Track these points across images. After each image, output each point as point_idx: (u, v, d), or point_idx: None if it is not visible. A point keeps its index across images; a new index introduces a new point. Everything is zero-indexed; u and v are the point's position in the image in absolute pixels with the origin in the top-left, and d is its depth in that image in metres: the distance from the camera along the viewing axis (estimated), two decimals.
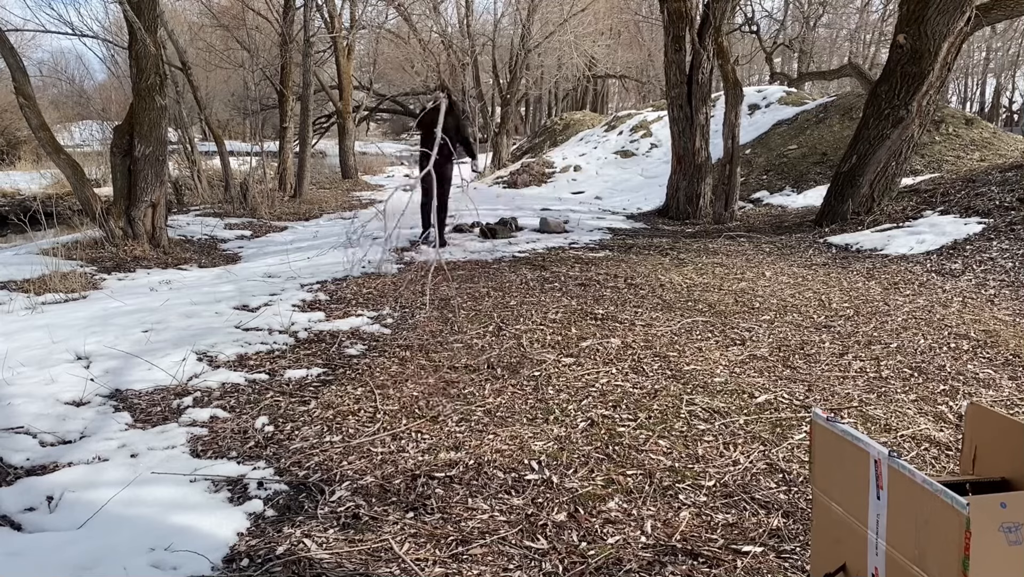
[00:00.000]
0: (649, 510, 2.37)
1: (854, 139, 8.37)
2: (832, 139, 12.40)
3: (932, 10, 7.35)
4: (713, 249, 7.47)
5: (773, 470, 2.64)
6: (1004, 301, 5.02)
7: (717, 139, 10.83)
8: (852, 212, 8.15)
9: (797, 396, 3.33)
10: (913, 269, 6.09)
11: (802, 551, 2.13)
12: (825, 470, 1.65)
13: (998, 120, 30.39)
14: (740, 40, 24.60)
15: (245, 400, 3.40)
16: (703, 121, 10.26)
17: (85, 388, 3.42)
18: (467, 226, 9.29)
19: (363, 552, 2.16)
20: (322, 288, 5.75)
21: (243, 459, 2.78)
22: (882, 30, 28.19)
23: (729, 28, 12.02)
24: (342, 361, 3.96)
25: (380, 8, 22.44)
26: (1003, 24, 24.27)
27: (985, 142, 11.21)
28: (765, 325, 4.49)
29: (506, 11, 25.49)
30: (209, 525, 2.28)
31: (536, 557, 2.13)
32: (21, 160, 20.39)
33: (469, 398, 3.36)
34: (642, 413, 3.14)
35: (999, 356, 3.86)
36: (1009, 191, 7.31)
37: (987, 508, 1.26)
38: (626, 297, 5.27)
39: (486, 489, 2.52)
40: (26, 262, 6.83)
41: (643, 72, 31.86)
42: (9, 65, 7.49)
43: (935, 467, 2.66)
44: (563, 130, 21.28)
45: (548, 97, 33.79)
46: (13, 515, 2.34)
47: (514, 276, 6.13)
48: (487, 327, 4.52)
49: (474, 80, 23.16)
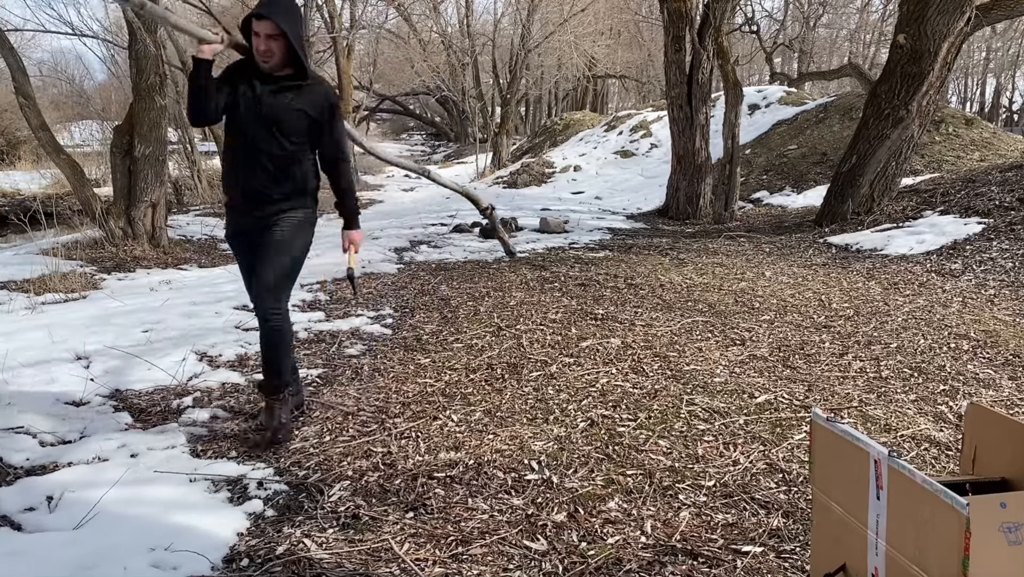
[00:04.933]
0: (649, 510, 2.37)
1: (854, 139, 8.37)
2: (832, 139, 12.40)
3: (932, 10, 7.35)
4: (713, 249, 7.47)
5: (773, 470, 2.64)
6: (1004, 301, 5.02)
7: (717, 139, 10.83)
8: (852, 212, 8.15)
9: (797, 396, 3.33)
10: (913, 269, 6.09)
11: (802, 551, 2.13)
12: (825, 470, 1.65)
13: (998, 120, 30.38)
14: (740, 40, 24.60)
15: (245, 400, 3.40)
16: (703, 121, 10.26)
17: (85, 388, 3.42)
18: (467, 226, 9.29)
19: (363, 552, 2.16)
20: (322, 288, 5.75)
21: (243, 459, 2.78)
22: (882, 30, 28.19)
23: (729, 28, 12.03)
24: (342, 361, 3.96)
25: (380, 8, 22.46)
26: (1003, 24, 24.27)
27: (985, 142, 11.21)
28: (765, 325, 4.49)
29: (506, 11, 25.52)
30: (209, 525, 2.28)
31: (536, 557, 2.13)
32: (21, 160, 20.38)
33: (469, 398, 3.36)
34: (642, 413, 3.14)
35: (999, 356, 3.86)
36: (1009, 191, 7.31)
37: (987, 508, 1.26)
38: (626, 297, 5.27)
39: (486, 489, 2.52)
40: (26, 262, 6.83)
41: (643, 72, 31.85)
42: (9, 65, 7.50)
43: (935, 467, 2.66)
44: (563, 130, 21.28)
45: (548, 97, 33.79)
46: (13, 515, 2.34)
47: (514, 276, 6.13)
48: (487, 327, 4.52)
49: (474, 80, 23.17)
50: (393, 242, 8.20)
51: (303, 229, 2.94)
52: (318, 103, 2.83)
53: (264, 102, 2.77)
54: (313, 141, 2.90)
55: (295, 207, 2.90)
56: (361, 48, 25.69)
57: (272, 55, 2.72)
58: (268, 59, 2.72)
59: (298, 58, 2.76)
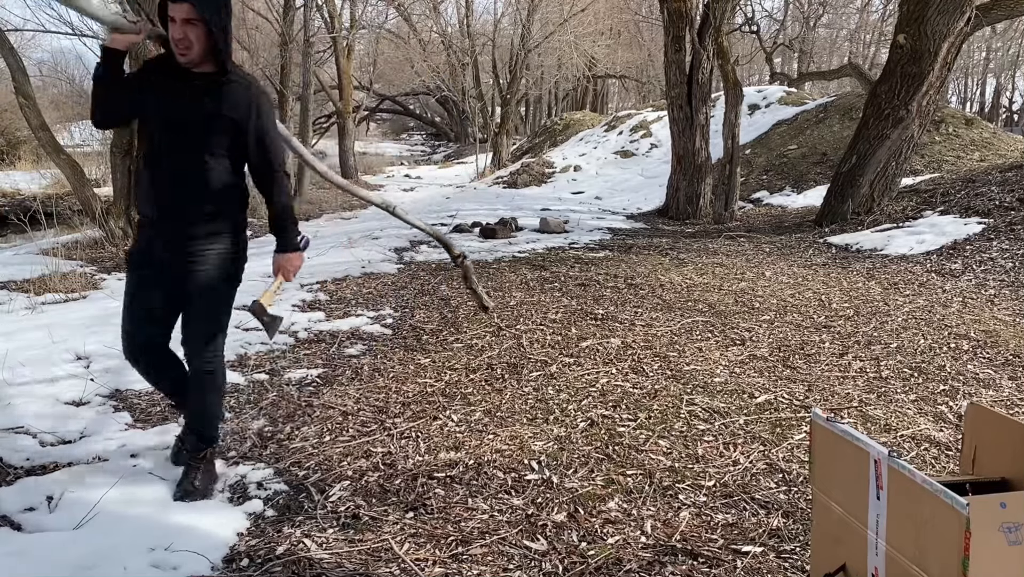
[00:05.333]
0: (649, 510, 2.37)
1: (854, 139, 8.37)
2: (832, 139, 12.40)
3: (932, 10, 7.35)
4: (713, 249, 7.47)
5: (773, 470, 2.64)
6: (1004, 301, 5.02)
7: (717, 139, 10.82)
8: (852, 212, 8.15)
9: (797, 396, 3.33)
10: (913, 269, 6.09)
11: (802, 551, 2.13)
12: (825, 470, 1.65)
13: (998, 120, 30.39)
14: (740, 40, 24.61)
15: (245, 400, 3.39)
16: (703, 121, 10.26)
17: (85, 388, 3.42)
18: (467, 226, 9.29)
19: (363, 552, 2.16)
20: (322, 288, 5.74)
21: (243, 459, 2.78)
22: (882, 30, 28.20)
23: (729, 28, 12.03)
24: (342, 361, 3.96)
25: (380, 8, 22.47)
26: (1003, 24, 24.28)
27: (985, 142, 11.21)
28: (765, 325, 4.49)
29: (506, 11, 25.53)
30: (209, 525, 2.28)
31: (536, 557, 2.13)
32: (21, 160, 20.37)
33: (469, 398, 3.36)
34: (642, 413, 3.14)
35: (999, 356, 3.86)
36: (1009, 191, 7.31)
37: (987, 508, 1.26)
38: (626, 297, 5.27)
39: (486, 489, 2.52)
40: (26, 262, 6.83)
41: (643, 72, 31.86)
42: (9, 65, 7.50)
43: (935, 467, 2.66)
44: (563, 130, 21.28)
45: (548, 97, 33.80)
46: (13, 515, 2.34)
47: (514, 276, 6.13)
48: (487, 327, 4.52)
49: (474, 80, 23.16)
50: (393, 242, 8.19)
51: (230, 263, 2.47)
52: (241, 104, 2.31)
53: (176, 105, 2.28)
54: (240, 151, 2.38)
55: (218, 233, 2.40)
56: (361, 48, 25.73)
57: (190, 46, 2.22)
58: (186, 51, 2.22)
59: (219, 51, 2.26)
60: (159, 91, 2.30)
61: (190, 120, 2.29)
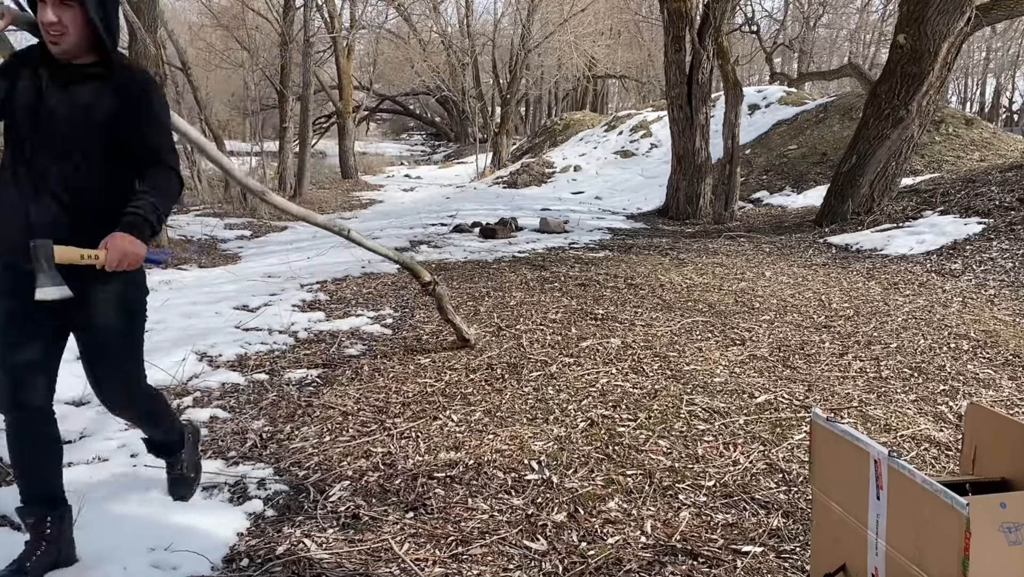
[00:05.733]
0: (649, 510, 2.37)
1: (854, 139, 8.37)
2: (832, 139, 12.40)
3: (932, 10, 7.35)
4: (713, 249, 7.47)
5: (773, 470, 2.64)
6: (1004, 301, 5.02)
7: (717, 139, 10.83)
8: (852, 212, 8.15)
9: (797, 396, 3.33)
10: (913, 269, 6.09)
11: (802, 551, 2.13)
12: (825, 470, 1.65)
13: (998, 120, 30.38)
14: (740, 40, 24.61)
15: (245, 400, 3.40)
16: (703, 121, 10.26)
17: (85, 388, 3.42)
18: (467, 226, 9.29)
19: (363, 552, 2.16)
20: (322, 288, 5.75)
21: (243, 459, 2.78)
22: (882, 30, 28.20)
23: (729, 28, 12.03)
24: (342, 361, 3.96)
25: (380, 8, 22.48)
26: (1003, 24, 24.28)
27: (985, 142, 11.21)
28: (765, 325, 4.49)
29: (506, 11, 25.53)
30: (209, 525, 2.28)
31: (536, 557, 2.13)
32: None
33: (469, 398, 3.36)
34: (642, 413, 3.14)
35: (999, 356, 3.86)
36: (1009, 191, 7.31)
37: (987, 508, 1.26)
38: (626, 297, 5.27)
39: (486, 489, 2.52)
40: None
41: (643, 72, 31.85)
42: None
43: (935, 467, 2.67)
44: (563, 130, 21.28)
45: (548, 97, 33.79)
46: (13, 515, 2.34)
47: (514, 276, 6.13)
48: (487, 327, 4.52)
49: (474, 80, 23.17)
50: (393, 242, 8.19)
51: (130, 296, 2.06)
52: (130, 96, 1.94)
53: (48, 103, 1.89)
54: (131, 152, 1.98)
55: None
56: (361, 48, 25.76)
57: (63, 32, 1.85)
58: (58, 38, 1.85)
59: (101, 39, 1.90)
60: (30, 87, 1.91)
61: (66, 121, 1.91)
